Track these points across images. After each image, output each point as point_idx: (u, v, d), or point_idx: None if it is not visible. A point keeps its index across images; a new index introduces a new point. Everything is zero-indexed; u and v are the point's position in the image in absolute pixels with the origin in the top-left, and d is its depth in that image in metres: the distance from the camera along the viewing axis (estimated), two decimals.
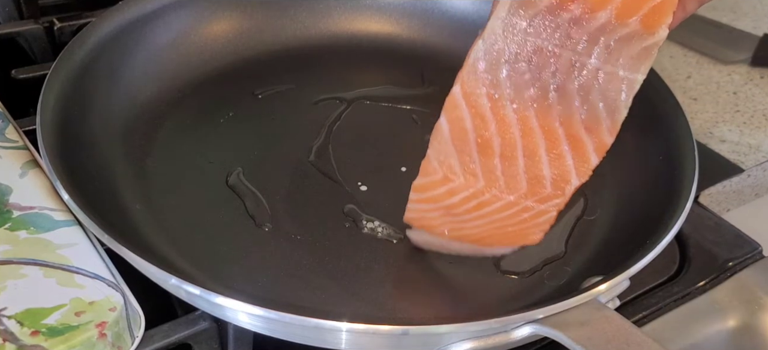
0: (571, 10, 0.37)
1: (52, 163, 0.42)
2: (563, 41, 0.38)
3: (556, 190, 0.40)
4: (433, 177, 0.40)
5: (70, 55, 0.51)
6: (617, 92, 0.38)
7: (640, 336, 0.35)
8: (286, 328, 0.38)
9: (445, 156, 0.40)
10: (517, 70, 0.38)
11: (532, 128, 0.39)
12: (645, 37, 0.37)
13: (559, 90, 0.39)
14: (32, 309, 0.36)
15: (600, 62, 0.38)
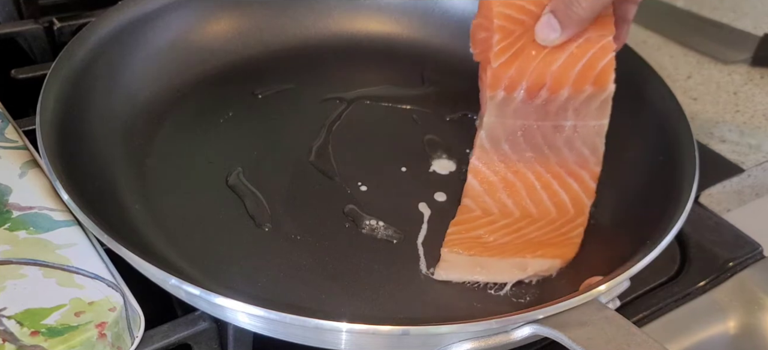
0: (541, 95, 0.48)
1: (52, 163, 0.42)
2: (541, 117, 0.49)
3: (577, 210, 0.49)
4: (471, 214, 0.48)
5: (69, 55, 0.51)
6: (593, 136, 0.49)
7: (641, 336, 0.35)
8: (286, 329, 0.38)
9: (479, 200, 0.48)
10: (515, 143, 0.49)
11: (540, 172, 0.49)
12: (599, 94, 0.48)
13: (550, 147, 0.49)
14: (32, 310, 0.36)
15: (573, 121, 0.49)
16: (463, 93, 0.59)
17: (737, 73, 0.76)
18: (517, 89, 0.48)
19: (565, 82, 0.47)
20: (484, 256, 0.45)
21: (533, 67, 0.47)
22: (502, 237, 0.46)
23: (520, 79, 0.48)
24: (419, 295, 0.44)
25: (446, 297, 0.44)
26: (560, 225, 0.48)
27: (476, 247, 0.45)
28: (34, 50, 0.64)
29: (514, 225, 0.47)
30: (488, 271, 0.44)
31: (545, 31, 0.46)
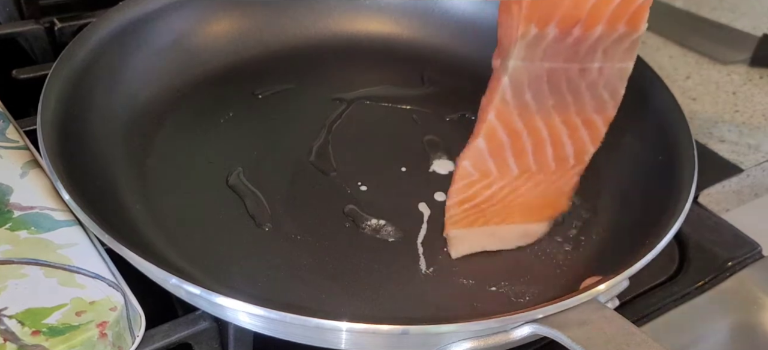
0: (573, 33, 0.45)
1: (53, 163, 0.42)
2: (570, 57, 0.46)
3: (577, 161, 0.49)
4: (469, 179, 0.47)
5: (70, 55, 0.51)
6: (616, 79, 0.48)
7: (640, 336, 0.35)
8: (287, 328, 0.38)
9: (480, 162, 0.47)
10: (538, 90, 0.47)
11: (555, 124, 0.47)
12: (631, 34, 0.46)
13: (572, 92, 0.47)
14: (33, 309, 0.36)
15: (601, 63, 0.47)
16: (463, 93, 0.59)
17: (736, 74, 0.76)
18: (550, 23, 0.45)
19: (600, 19, 0.45)
20: (490, 225, 0.46)
21: (566, 10, 0.45)
22: (502, 200, 0.47)
23: (555, 12, 0.45)
24: (419, 295, 0.44)
25: (446, 297, 0.44)
26: (556, 179, 0.48)
27: (479, 217, 0.46)
28: (35, 50, 0.64)
29: (512, 185, 0.47)
30: (498, 239, 0.45)
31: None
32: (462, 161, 0.47)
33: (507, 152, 0.47)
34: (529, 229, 0.47)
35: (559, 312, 0.36)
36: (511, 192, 0.47)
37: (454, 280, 0.45)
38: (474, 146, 0.47)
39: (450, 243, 0.46)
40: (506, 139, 0.47)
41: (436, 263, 0.46)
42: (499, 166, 0.47)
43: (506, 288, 0.45)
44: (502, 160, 0.47)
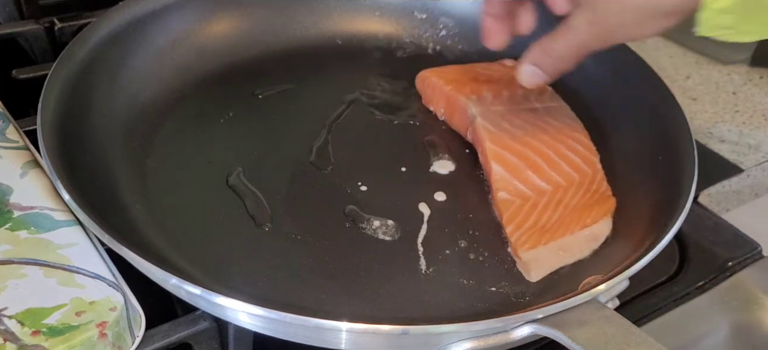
0: (503, 94, 0.56)
1: (53, 163, 0.42)
2: (514, 104, 0.55)
3: (592, 168, 0.52)
4: (512, 207, 0.48)
5: (70, 55, 0.51)
6: (562, 111, 0.56)
7: (640, 336, 0.35)
8: (287, 328, 0.38)
9: (511, 187, 0.49)
10: (510, 121, 0.53)
11: (548, 140, 0.52)
12: (545, 92, 0.57)
13: (539, 121, 0.54)
14: (33, 309, 0.36)
15: (539, 104, 0.56)
16: None
17: (736, 74, 0.76)
18: (482, 93, 0.55)
19: (515, 88, 0.55)
20: (557, 239, 0.47)
21: (486, 86, 0.56)
22: (553, 215, 0.48)
23: (481, 90, 0.56)
24: (419, 295, 0.44)
25: (446, 297, 0.44)
26: (588, 185, 0.50)
27: (544, 234, 0.47)
28: (35, 50, 0.64)
29: (554, 199, 0.49)
30: (569, 251, 0.46)
31: (531, 79, 0.48)
32: (498, 194, 0.49)
33: (526, 172, 0.50)
34: (594, 232, 0.48)
35: (559, 312, 0.36)
36: (558, 205, 0.49)
37: (454, 280, 0.45)
38: (494, 173, 0.50)
39: (526, 266, 0.45)
40: (515, 159, 0.51)
41: (436, 263, 0.46)
42: (530, 186, 0.49)
43: (506, 288, 0.45)
44: (527, 180, 0.50)
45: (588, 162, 0.52)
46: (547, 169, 0.50)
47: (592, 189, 0.50)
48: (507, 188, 0.49)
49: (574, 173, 0.51)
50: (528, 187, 0.49)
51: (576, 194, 0.50)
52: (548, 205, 0.49)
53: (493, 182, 0.50)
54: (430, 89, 0.59)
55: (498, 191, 0.49)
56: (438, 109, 0.59)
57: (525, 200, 0.49)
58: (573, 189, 0.50)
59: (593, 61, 0.57)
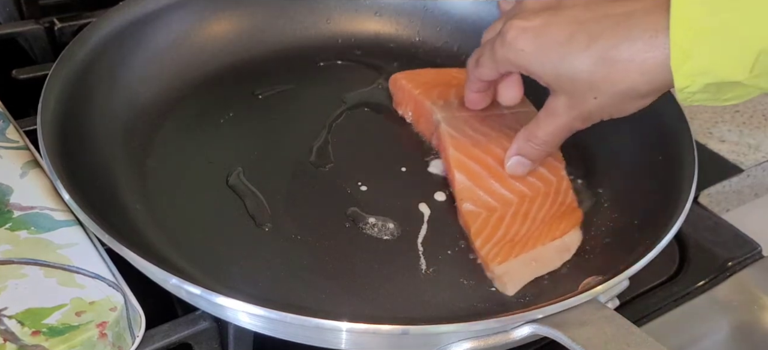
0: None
1: (53, 163, 0.42)
2: (482, 109, 0.54)
3: (557, 176, 0.51)
4: (479, 219, 0.47)
5: (70, 55, 0.51)
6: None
7: (640, 336, 0.35)
8: (287, 328, 0.38)
9: (475, 196, 0.48)
10: (475, 127, 0.53)
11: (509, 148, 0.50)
12: None
13: (504, 127, 0.53)
14: (33, 309, 0.36)
15: (506, 110, 0.54)
16: None
17: None
18: (449, 98, 0.55)
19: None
20: (528, 251, 0.46)
21: (455, 91, 0.55)
22: (522, 227, 0.47)
23: (448, 95, 0.56)
24: (419, 295, 0.44)
25: (446, 297, 0.44)
26: (555, 195, 0.50)
27: (514, 247, 0.46)
28: (35, 50, 0.64)
29: (521, 211, 0.48)
30: (542, 262, 0.46)
31: (519, 169, 0.49)
32: (462, 204, 0.48)
33: (489, 181, 0.49)
34: (565, 242, 0.47)
35: (559, 312, 0.36)
36: (526, 218, 0.48)
37: (454, 280, 0.45)
38: (458, 183, 0.49)
39: (500, 280, 0.45)
40: (478, 168, 0.50)
41: (436, 263, 0.46)
42: (494, 197, 0.48)
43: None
44: (491, 189, 0.49)
45: (553, 170, 0.51)
46: (509, 178, 0.49)
47: (559, 200, 0.49)
48: (471, 198, 0.48)
49: (538, 182, 0.50)
50: (493, 197, 0.49)
51: (543, 205, 0.49)
52: (516, 217, 0.48)
53: (456, 192, 0.49)
54: (399, 92, 0.58)
55: (462, 202, 0.48)
56: (406, 112, 0.58)
57: (491, 211, 0.48)
58: (539, 200, 0.49)
59: None
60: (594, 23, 0.40)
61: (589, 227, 0.49)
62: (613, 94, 0.41)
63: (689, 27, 0.36)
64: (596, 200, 0.52)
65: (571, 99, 0.43)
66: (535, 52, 0.42)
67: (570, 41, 0.41)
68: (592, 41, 0.40)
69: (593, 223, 0.50)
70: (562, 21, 0.41)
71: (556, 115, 0.44)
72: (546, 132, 0.46)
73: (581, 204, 0.51)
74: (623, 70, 0.39)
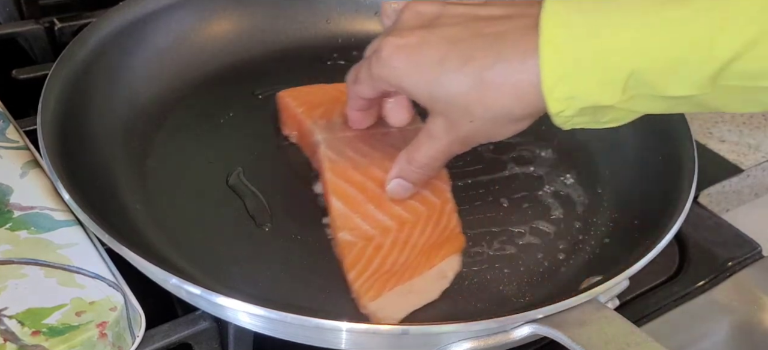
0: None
1: (53, 163, 0.42)
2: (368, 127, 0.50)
3: (441, 198, 0.48)
4: (354, 250, 0.44)
5: (70, 55, 0.51)
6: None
7: (640, 336, 0.35)
8: (287, 328, 0.38)
9: (352, 225, 0.45)
10: (357, 148, 0.49)
11: (390, 169, 0.47)
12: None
13: (391, 146, 0.49)
14: (33, 309, 0.36)
15: (394, 128, 0.50)
16: None
17: None
18: (333, 117, 0.52)
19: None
20: (404, 282, 0.43)
21: (340, 108, 0.51)
22: (400, 256, 0.45)
23: (332, 114, 0.52)
24: None
25: (446, 297, 0.44)
26: (437, 219, 0.47)
27: (390, 279, 0.43)
28: (35, 50, 0.64)
29: (400, 239, 0.45)
30: (418, 293, 0.43)
31: (400, 192, 0.46)
32: (338, 234, 0.45)
33: (368, 206, 0.46)
34: (442, 269, 0.45)
35: (559, 312, 0.36)
36: (405, 246, 0.45)
37: (453, 280, 0.45)
38: (334, 210, 0.46)
39: (374, 317, 0.42)
40: (356, 193, 0.47)
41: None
42: (373, 224, 0.45)
43: (506, 289, 0.45)
44: (368, 215, 0.46)
45: (437, 192, 0.48)
46: (389, 202, 0.46)
47: (442, 225, 0.47)
48: (348, 227, 0.45)
49: (420, 205, 0.47)
50: (370, 223, 0.45)
51: (424, 230, 0.46)
52: (394, 246, 0.45)
53: (332, 220, 0.46)
54: (284, 112, 0.55)
55: (338, 231, 0.45)
56: (291, 133, 0.55)
57: (368, 240, 0.45)
58: (421, 225, 0.46)
59: None
60: (467, 43, 0.38)
61: (589, 227, 0.50)
62: (488, 118, 0.39)
63: (557, 51, 0.35)
64: (596, 200, 0.52)
65: (448, 121, 0.41)
66: (409, 71, 0.40)
67: (443, 62, 0.39)
68: (465, 62, 0.38)
69: (593, 223, 0.50)
70: (436, 40, 0.39)
71: (435, 138, 0.42)
72: (425, 155, 0.43)
73: (582, 204, 0.51)
74: (496, 93, 0.37)
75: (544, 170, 0.54)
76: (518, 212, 0.51)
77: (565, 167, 0.54)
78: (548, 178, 0.53)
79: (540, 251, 0.48)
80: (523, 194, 0.52)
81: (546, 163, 0.55)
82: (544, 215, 0.50)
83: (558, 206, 0.51)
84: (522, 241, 0.48)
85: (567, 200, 0.52)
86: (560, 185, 0.53)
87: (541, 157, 0.55)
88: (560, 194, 0.52)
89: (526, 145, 0.56)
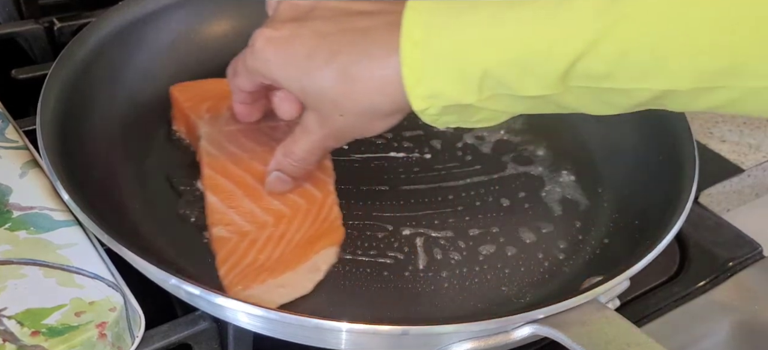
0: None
1: (52, 163, 0.42)
2: (255, 121, 0.50)
3: (323, 192, 0.48)
4: (228, 246, 0.44)
5: (70, 55, 0.51)
6: None
7: (640, 336, 0.35)
8: (286, 328, 0.38)
9: (226, 219, 0.45)
10: (239, 142, 0.49)
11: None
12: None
13: (276, 140, 0.48)
14: (32, 310, 0.36)
15: (285, 121, 0.48)
16: None
17: None
18: (220, 111, 0.51)
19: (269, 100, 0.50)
20: (276, 276, 0.42)
21: (229, 103, 0.50)
22: (274, 251, 0.44)
23: (219, 108, 0.52)
24: (419, 295, 0.44)
25: (446, 297, 0.44)
26: (317, 212, 0.46)
27: (260, 273, 0.42)
28: (35, 50, 0.64)
29: (276, 234, 0.45)
30: (290, 287, 0.42)
31: (278, 186, 0.46)
32: (212, 229, 0.45)
33: (243, 201, 0.46)
34: (316, 263, 0.44)
35: (560, 313, 0.36)
36: (281, 241, 0.44)
37: (454, 280, 0.45)
38: (208, 205, 0.46)
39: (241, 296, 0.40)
40: (233, 187, 0.47)
41: (436, 263, 0.46)
42: (249, 219, 0.45)
43: (506, 288, 0.45)
44: (244, 209, 0.46)
45: (319, 185, 0.48)
46: (268, 196, 0.46)
47: (321, 218, 0.46)
48: (222, 222, 0.45)
49: (300, 199, 0.46)
50: (246, 218, 0.45)
51: (302, 225, 0.45)
52: (269, 241, 0.44)
53: (207, 215, 0.46)
54: (174, 107, 0.54)
55: (212, 226, 0.45)
56: (180, 129, 0.54)
57: (243, 236, 0.44)
58: (299, 219, 0.45)
59: None
60: (336, 37, 0.38)
61: (589, 227, 0.49)
62: (357, 112, 0.39)
63: (416, 48, 0.35)
64: (596, 200, 0.52)
65: (320, 116, 0.41)
66: (281, 64, 0.40)
67: (312, 55, 0.39)
68: (332, 57, 0.38)
69: (593, 223, 0.50)
70: (306, 33, 0.39)
71: (310, 132, 0.42)
72: (302, 149, 0.43)
73: (581, 203, 0.51)
74: (363, 88, 0.38)
75: (544, 170, 0.54)
76: (518, 212, 0.50)
77: (565, 167, 0.54)
78: (548, 178, 0.53)
79: (540, 251, 0.48)
80: (523, 194, 0.52)
81: (546, 163, 0.55)
82: (544, 215, 0.50)
83: (558, 206, 0.51)
84: (522, 241, 0.48)
85: (567, 200, 0.52)
86: (560, 185, 0.53)
87: (541, 157, 0.55)
88: (560, 194, 0.52)
89: (526, 144, 0.56)
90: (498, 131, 0.57)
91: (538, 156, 0.55)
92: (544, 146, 0.56)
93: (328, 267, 0.44)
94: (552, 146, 0.56)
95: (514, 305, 0.44)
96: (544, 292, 0.45)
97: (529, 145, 0.56)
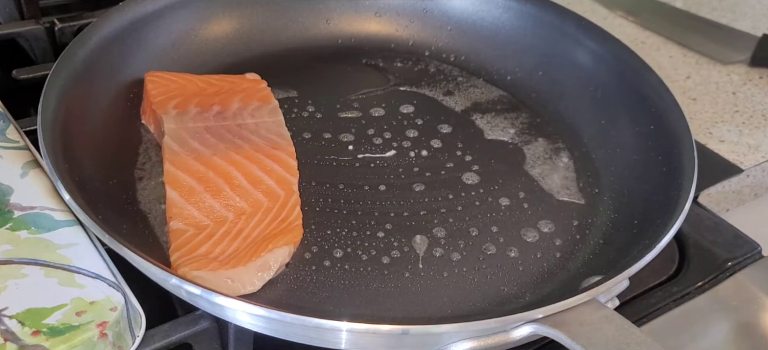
0: (213, 109, 0.53)
1: (53, 163, 0.42)
2: (221, 120, 0.52)
3: (286, 191, 0.48)
4: (183, 237, 0.44)
5: (70, 55, 0.51)
6: (275, 127, 0.53)
7: (640, 336, 0.35)
8: (287, 328, 0.38)
9: (185, 213, 0.45)
10: (203, 139, 0.50)
11: (239, 161, 0.49)
12: (267, 105, 0.55)
13: (239, 137, 0.51)
14: (33, 309, 0.36)
15: (252, 120, 0.53)
16: None
17: (736, 74, 0.76)
18: (188, 107, 0.52)
19: (232, 101, 0.54)
20: (226, 269, 0.42)
21: (198, 100, 0.53)
22: (229, 246, 0.44)
23: (188, 100, 0.53)
24: (419, 295, 0.44)
25: (446, 297, 0.44)
26: (278, 211, 0.47)
27: (210, 263, 0.42)
28: (36, 51, 0.64)
29: (233, 230, 0.45)
30: (240, 282, 0.42)
31: None
32: (169, 222, 0.45)
33: (204, 196, 0.46)
34: (267, 261, 0.43)
35: (559, 312, 0.36)
36: (237, 236, 0.44)
37: (454, 280, 0.45)
38: (167, 200, 0.46)
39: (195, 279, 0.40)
40: (194, 183, 0.47)
41: (436, 263, 0.46)
42: (207, 213, 0.45)
43: (506, 289, 0.45)
44: (204, 205, 0.46)
45: (283, 184, 0.48)
46: (229, 192, 0.47)
47: (281, 217, 0.46)
48: (180, 216, 0.45)
49: (262, 197, 0.47)
50: (205, 214, 0.45)
51: (260, 222, 0.45)
52: (226, 236, 0.44)
53: (166, 209, 0.46)
54: (145, 98, 0.54)
55: (170, 220, 0.45)
56: (149, 123, 0.54)
57: (200, 229, 0.44)
58: (259, 216, 0.46)
59: (593, 61, 0.57)
60: None
61: (588, 227, 0.50)
62: None
63: None
64: (596, 200, 0.52)
65: None
66: None
67: None
68: None
69: (593, 223, 0.50)
70: None
71: None
72: None
73: (580, 203, 0.51)
74: None
75: (544, 170, 0.54)
76: (518, 212, 0.51)
77: (565, 166, 0.54)
78: (548, 178, 0.53)
79: (540, 250, 0.48)
80: (523, 194, 0.52)
81: (546, 162, 0.55)
82: (544, 215, 0.50)
83: (558, 206, 0.51)
84: (522, 241, 0.48)
85: (566, 200, 0.52)
86: (560, 185, 0.53)
87: (541, 157, 0.55)
88: (560, 194, 0.52)
89: (526, 144, 0.56)
90: (498, 131, 0.57)
91: (538, 156, 0.55)
92: (544, 146, 0.56)
93: (280, 266, 0.44)
94: (552, 146, 0.56)
95: (513, 304, 0.44)
96: (543, 292, 0.45)
97: (529, 144, 0.56)
